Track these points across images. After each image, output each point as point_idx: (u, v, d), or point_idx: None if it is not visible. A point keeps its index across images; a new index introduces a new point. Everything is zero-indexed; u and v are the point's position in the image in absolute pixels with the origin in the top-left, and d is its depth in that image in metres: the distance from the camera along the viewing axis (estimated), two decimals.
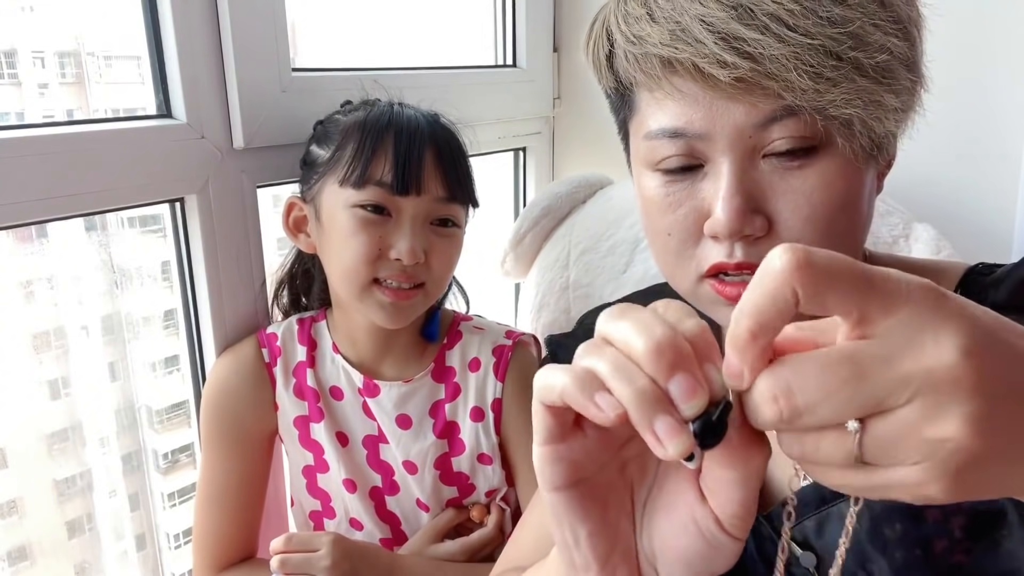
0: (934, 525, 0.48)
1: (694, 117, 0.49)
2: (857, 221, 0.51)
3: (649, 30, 0.49)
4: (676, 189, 0.51)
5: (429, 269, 0.82)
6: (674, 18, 0.48)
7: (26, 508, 1.14)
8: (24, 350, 1.11)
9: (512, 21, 1.28)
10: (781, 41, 0.45)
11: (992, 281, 0.52)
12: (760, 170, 0.49)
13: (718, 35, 0.46)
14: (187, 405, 1.01)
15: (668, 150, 0.51)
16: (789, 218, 0.48)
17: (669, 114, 0.50)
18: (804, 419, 0.29)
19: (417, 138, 0.80)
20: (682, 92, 0.49)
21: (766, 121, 0.47)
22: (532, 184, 1.37)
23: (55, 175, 0.74)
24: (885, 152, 0.52)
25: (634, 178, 0.57)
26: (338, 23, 1.18)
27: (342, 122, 0.83)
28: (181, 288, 0.92)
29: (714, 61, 0.46)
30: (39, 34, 0.95)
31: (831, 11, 0.45)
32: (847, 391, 0.28)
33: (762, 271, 0.29)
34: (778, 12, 0.45)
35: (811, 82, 0.45)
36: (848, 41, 0.45)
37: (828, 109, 0.46)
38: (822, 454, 0.30)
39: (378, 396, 0.89)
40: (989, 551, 0.47)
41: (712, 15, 0.46)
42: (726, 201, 0.48)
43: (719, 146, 0.49)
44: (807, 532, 0.53)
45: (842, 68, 0.45)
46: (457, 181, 0.83)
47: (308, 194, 0.85)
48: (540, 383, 0.34)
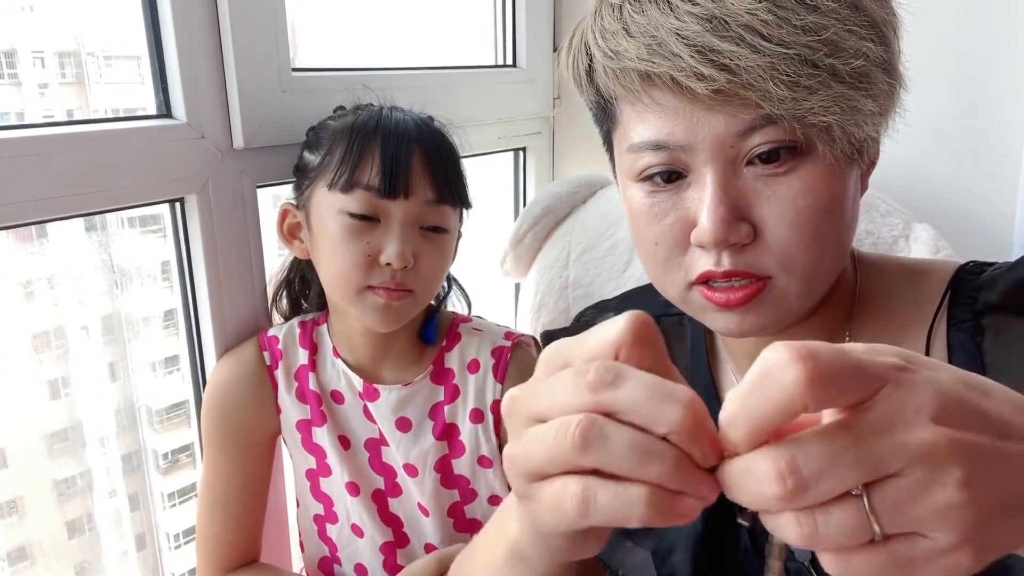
0: None
1: (675, 129, 0.49)
2: (841, 224, 0.51)
3: (626, 45, 0.49)
4: (661, 199, 0.52)
5: (417, 274, 0.82)
6: (650, 32, 0.48)
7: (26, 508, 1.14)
8: (24, 350, 1.11)
9: (512, 21, 1.28)
10: (756, 52, 0.45)
11: (984, 282, 0.53)
12: (743, 178, 0.49)
13: (694, 48, 0.46)
14: (187, 405, 1.01)
15: (651, 161, 0.51)
16: (774, 224, 0.49)
17: (650, 127, 0.51)
18: (810, 492, 0.29)
19: (405, 141, 0.80)
20: (662, 105, 0.50)
21: (746, 130, 0.48)
22: (532, 184, 1.37)
23: (55, 175, 0.74)
24: (866, 154, 0.52)
25: (620, 189, 0.57)
26: (338, 23, 1.18)
27: (332, 127, 0.83)
28: (181, 288, 0.92)
29: (691, 74, 0.46)
30: (39, 34, 0.95)
31: (805, 19, 0.45)
32: (850, 456, 0.29)
33: (765, 379, 0.30)
34: (752, 23, 0.46)
35: (788, 91, 0.45)
36: (823, 48, 0.46)
37: (807, 117, 0.46)
38: (834, 528, 0.29)
39: (378, 400, 0.89)
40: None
41: (687, 28, 0.47)
42: (711, 210, 0.48)
43: (701, 156, 0.49)
44: None
45: (819, 75, 0.46)
46: (447, 183, 0.83)
47: (300, 200, 0.85)
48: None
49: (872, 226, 0.90)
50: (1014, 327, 0.49)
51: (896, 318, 0.55)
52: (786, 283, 0.50)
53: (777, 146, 0.48)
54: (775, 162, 0.48)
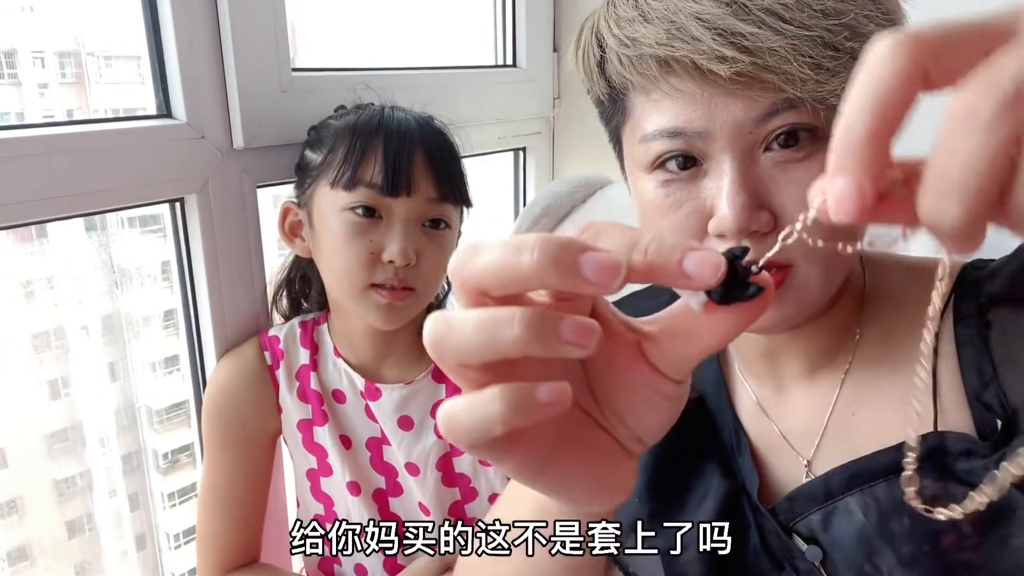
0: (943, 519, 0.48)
1: (693, 115, 0.48)
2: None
3: (643, 31, 0.48)
4: (676, 189, 0.51)
5: (419, 272, 0.82)
6: (668, 17, 0.48)
7: (26, 508, 1.14)
8: (24, 350, 1.11)
9: (512, 21, 1.28)
10: (779, 34, 0.45)
11: (987, 274, 0.52)
12: (761, 165, 0.48)
13: (715, 31, 0.46)
14: (187, 405, 1.01)
15: (666, 147, 0.50)
16: (795, 210, 0.48)
17: (667, 114, 0.50)
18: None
19: (407, 139, 0.80)
20: (679, 91, 0.48)
21: (765, 115, 0.47)
22: (532, 184, 1.37)
23: (55, 175, 0.74)
24: None
25: (630, 185, 0.56)
26: (338, 23, 1.18)
27: (333, 126, 0.84)
28: (181, 288, 0.91)
29: (713, 57, 0.46)
30: (39, 34, 0.95)
31: (824, 3, 0.46)
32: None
33: (871, 67, 0.24)
34: (772, 6, 0.45)
35: (811, 72, 0.45)
36: (844, 32, 0.46)
37: (829, 99, 0.46)
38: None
39: (379, 399, 0.89)
40: (997, 547, 0.46)
41: (707, 12, 0.46)
42: (731, 198, 0.47)
43: (719, 143, 0.48)
44: (813, 526, 0.53)
45: (840, 58, 0.46)
46: (448, 181, 0.83)
47: (302, 199, 0.85)
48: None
49: (872, 226, 0.90)
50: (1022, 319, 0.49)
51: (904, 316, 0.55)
52: (807, 271, 0.49)
53: (797, 127, 0.47)
54: (793, 146, 0.48)
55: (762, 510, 0.55)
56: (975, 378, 0.49)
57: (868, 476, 0.51)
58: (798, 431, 0.57)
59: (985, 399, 0.48)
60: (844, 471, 0.52)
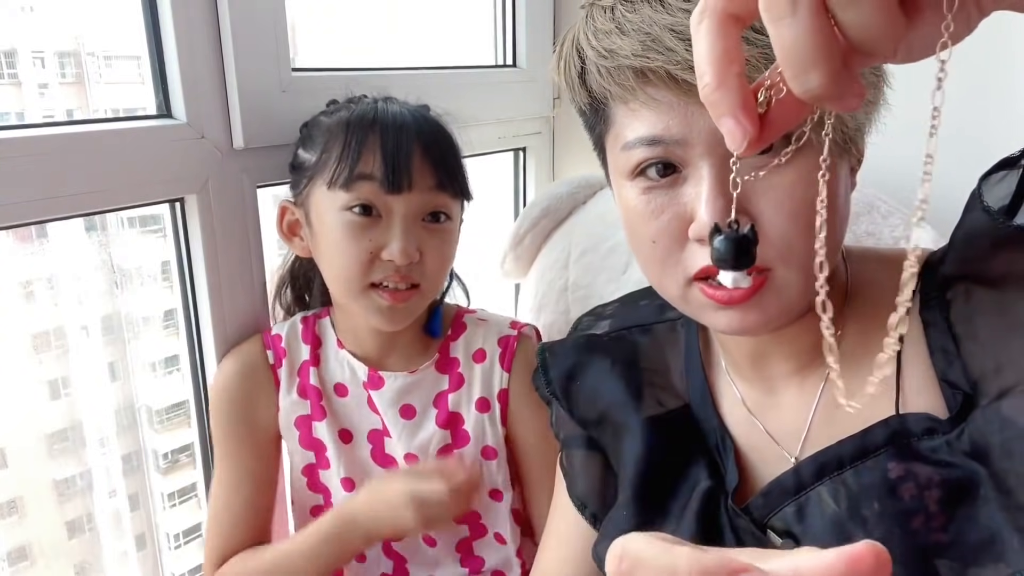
0: (910, 501, 0.49)
1: (670, 123, 0.50)
2: (836, 216, 0.52)
3: (620, 43, 0.50)
4: (657, 196, 0.52)
5: (423, 267, 0.82)
6: (643, 29, 0.49)
7: (26, 508, 1.14)
8: (24, 350, 1.11)
9: (512, 21, 1.28)
10: (750, 43, 0.46)
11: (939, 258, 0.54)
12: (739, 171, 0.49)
13: (688, 42, 0.47)
14: (187, 405, 1.01)
15: (646, 155, 0.51)
16: (773, 215, 0.49)
17: (645, 123, 0.51)
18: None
19: (404, 133, 0.79)
20: (657, 100, 0.50)
21: None
22: (532, 184, 1.37)
23: (55, 175, 0.74)
24: (856, 147, 0.53)
25: (615, 191, 0.58)
26: (338, 23, 1.18)
27: (326, 123, 0.83)
28: (181, 288, 0.92)
29: (687, 67, 0.47)
30: (39, 34, 0.95)
31: None
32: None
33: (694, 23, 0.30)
34: None
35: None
36: None
37: None
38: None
39: (382, 388, 0.88)
40: (965, 523, 0.47)
41: (681, 24, 0.48)
42: (709, 203, 0.48)
43: (697, 150, 0.50)
44: (787, 519, 0.54)
45: None
46: (447, 172, 0.82)
47: (299, 198, 0.85)
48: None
49: (873, 227, 0.90)
50: (975, 294, 0.50)
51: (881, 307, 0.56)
52: (786, 275, 0.50)
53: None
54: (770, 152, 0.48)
55: (736, 510, 0.56)
56: (941, 358, 0.50)
57: (836, 464, 0.52)
58: (787, 430, 0.58)
59: (951, 378, 0.49)
60: (812, 461, 0.53)
